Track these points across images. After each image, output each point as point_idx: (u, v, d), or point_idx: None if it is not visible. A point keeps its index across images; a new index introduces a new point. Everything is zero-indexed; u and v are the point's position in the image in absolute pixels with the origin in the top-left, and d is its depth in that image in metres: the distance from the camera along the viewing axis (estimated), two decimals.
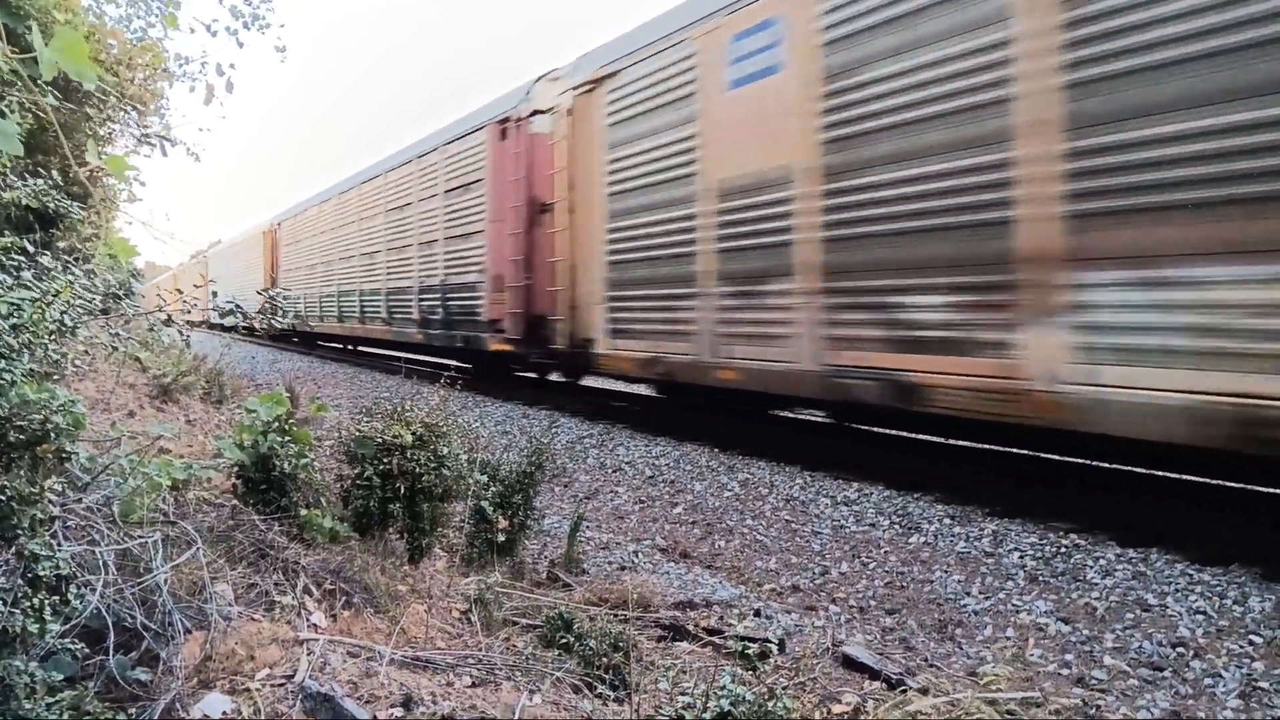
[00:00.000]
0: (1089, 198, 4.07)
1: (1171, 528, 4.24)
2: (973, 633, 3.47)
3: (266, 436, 2.84)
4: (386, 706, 1.92)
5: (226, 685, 1.89)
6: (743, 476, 6.00)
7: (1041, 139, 4.26)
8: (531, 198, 9.57)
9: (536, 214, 9.52)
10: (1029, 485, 5.23)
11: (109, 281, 2.74)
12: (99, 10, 8.04)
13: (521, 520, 3.67)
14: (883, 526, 4.78)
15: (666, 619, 3.25)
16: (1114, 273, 3.98)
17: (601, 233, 8.04)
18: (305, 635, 2.17)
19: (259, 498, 2.83)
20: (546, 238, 9.17)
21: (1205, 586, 3.57)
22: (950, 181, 4.74)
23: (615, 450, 7.21)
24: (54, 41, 1.69)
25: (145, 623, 1.95)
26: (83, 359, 2.81)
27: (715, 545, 4.81)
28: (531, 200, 9.56)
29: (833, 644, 3.17)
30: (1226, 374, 3.57)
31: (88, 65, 1.72)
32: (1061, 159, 4.18)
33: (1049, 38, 4.22)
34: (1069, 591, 3.70)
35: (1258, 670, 2.90)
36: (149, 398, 5.70)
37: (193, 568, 2.17)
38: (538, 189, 9.50)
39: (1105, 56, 3.99)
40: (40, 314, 2.14)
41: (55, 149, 6.40)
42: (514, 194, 9.70)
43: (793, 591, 4.10)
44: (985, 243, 4.57)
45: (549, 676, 2.33)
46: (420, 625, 2.52)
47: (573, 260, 8.62)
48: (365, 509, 2.96)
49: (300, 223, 20.66)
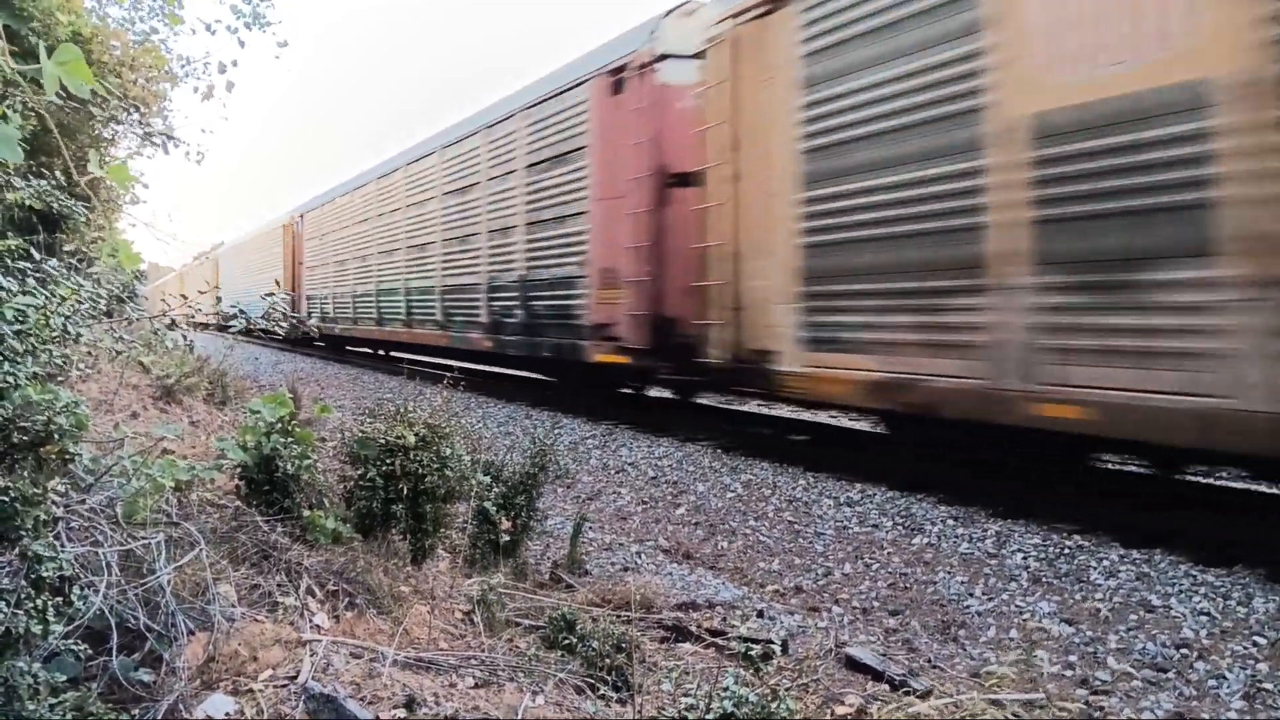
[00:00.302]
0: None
1: (1175, 529, 4.23)
2: (976, 634, 3.46)
3: (270, 438, 2.84)
4: (389, 708, 1.92)
5: (229, 686, 1.89)
6: (746, 477, 5.99)
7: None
8: (660, 166, 7.66)
9: (669, 188, 7.65)
10: (1032, 486, 5.21)
11: (113, 286, 2.74)
12: (102, 12, 8.06)
13: (524, 521, 3.67)
14: (886, 527, 4.77)
15: (669, 620, 3.24)
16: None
17: (789, 205, 5.92)
18: (308, 636, 2.17)
19: (262, 499, 2.83)
20: (687, 217, 7.20)
21: (1209, 588, 3.56)
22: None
23: (618, 451, 7.21)
24: (57, 54, 1.70)
25: (148, 624, 1.95)
26: (86, 360, 2.81)
27: (718, 546, 4.81)
28: (660, 170, 7.66)
29: (836, 645, 3.17)
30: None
31: (90, 81, 1.73)
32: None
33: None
34: (1072, 593, 3.69)
35: (1262, 672, 2.89)
36: (152, 399, 5.70)
37: (196, 569, 2.17)
38: (671, 154, 7.58)
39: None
40: (45, 320, 2.14)
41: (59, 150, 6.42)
42: (634, 163, 7.75)
43: (796, 592, 4.09)
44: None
45: (552, 677, 2.32)
46: (423, 626, 2.52)
47: (736, 245, 6.52)
48: (368, 510, 2.96)
49: (328, 213, 18.51)
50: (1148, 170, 3.90)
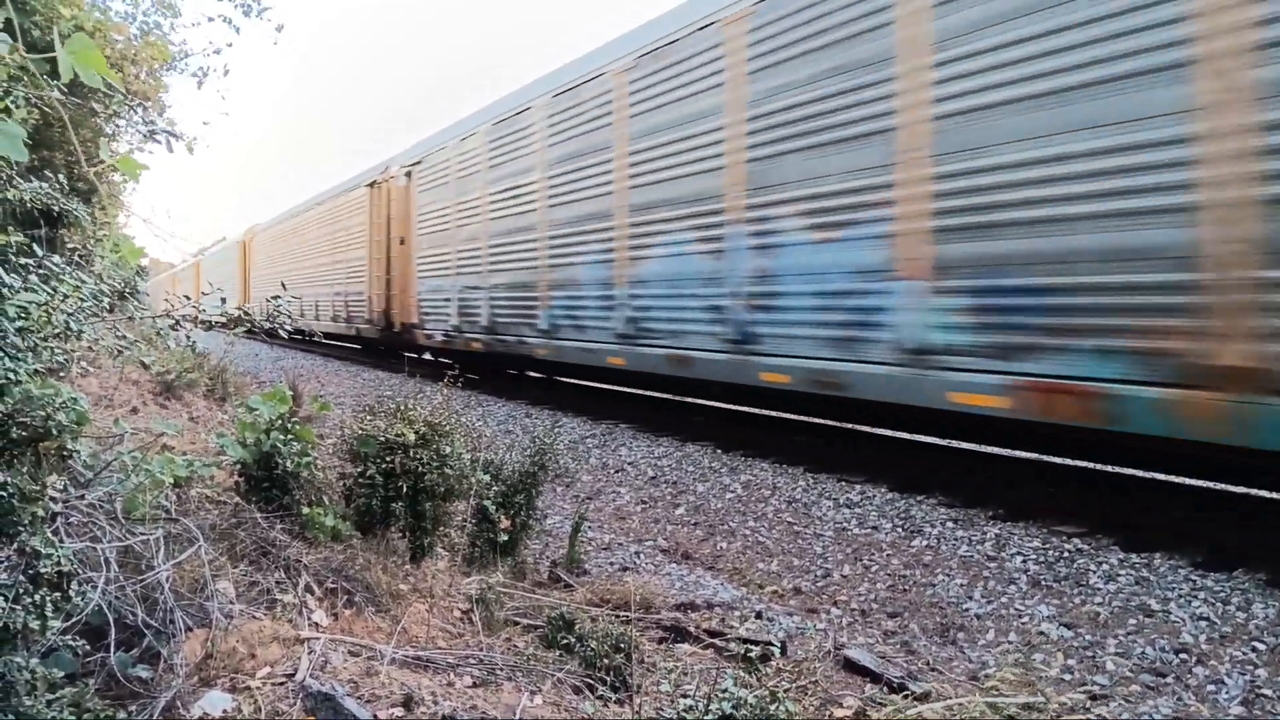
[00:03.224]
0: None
1: (1175, 532, 4.23)
2: (975, 637, 3.45)
3: (269, 434, 2.84)
4: (387, 706, 1.91)
5: (227, 683, 1.89)
6: (745, 478, 5.99)
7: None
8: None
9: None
10: (1032, 488, 5.21)
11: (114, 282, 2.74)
12: (104, 5, 8.06)
13: (524, 520, 3.67)
14: (885, 529, 4.77)
15: (668, 620, 3.24)
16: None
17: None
18: (306, 634, 2.17)
19: (261, 495, 2.83)
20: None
21: (1209, 592, 3.56)
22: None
23: (618, 450, 7.21)
24: (70, 44, 1.70)
25: (146, 620, 1.95)
26: (87, 356, 2.81)
27: (717, 546, 4.80)
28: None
29: (835, 647, 3.17)
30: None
31: (104, 70, 1.73)
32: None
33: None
34: (1072, 596, 3.69)
35: (1261, 677, 2.89)
36: (152, 394, 5.70)
37: (194, 565, 2.17)
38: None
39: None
40: (47, 317, 2.14)
41: (61, 144, 6.40)
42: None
43: (794, 594, 4.09)
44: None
45: (550, 677, 2.32)
46: (422, 625, 2.52)
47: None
48: (367, 507, 2.96)
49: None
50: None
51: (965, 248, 4.73)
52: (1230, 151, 3.66)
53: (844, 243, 5.57)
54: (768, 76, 6.18)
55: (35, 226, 4.72)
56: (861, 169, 5.38)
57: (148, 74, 8.06)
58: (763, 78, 6.22)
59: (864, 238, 5.39)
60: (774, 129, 6.13)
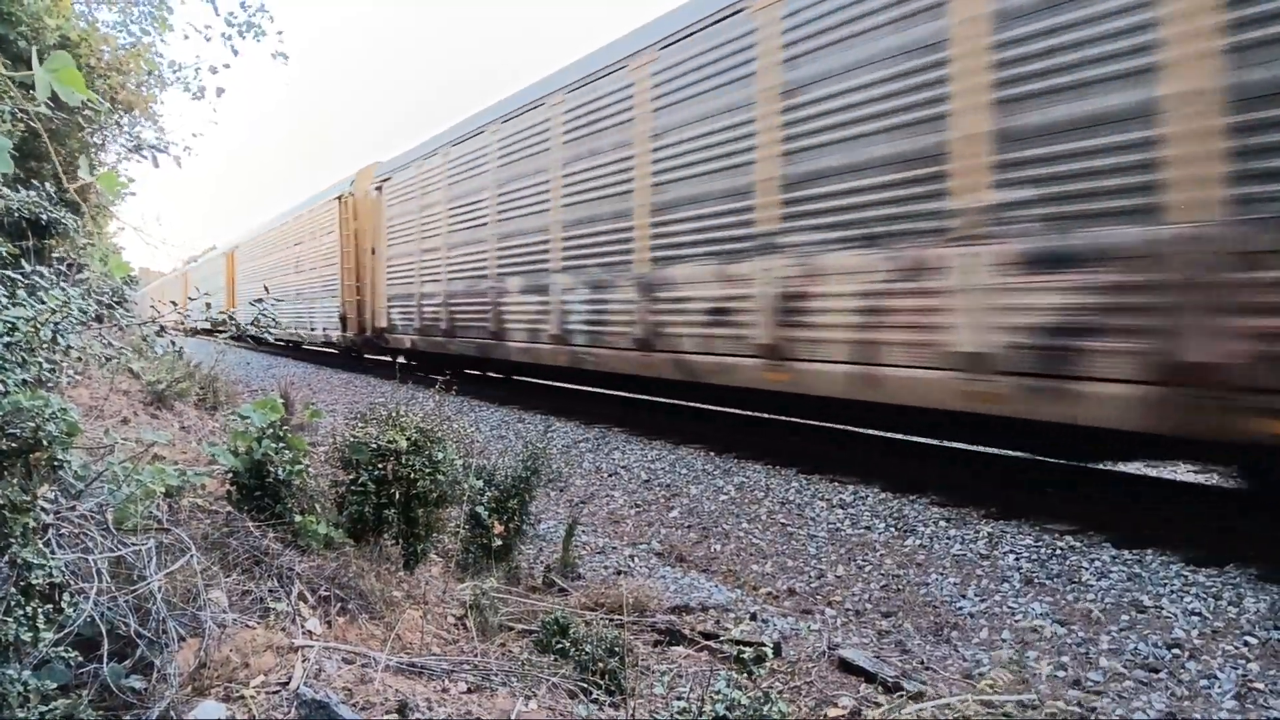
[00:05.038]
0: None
1: (1167, 529, 4.25)
2: (968, 635, 3.47)
3: (261, 443, 2.83)
4: (382, 713, 1.91)
5: (221, 692, 1.88)
6: (738, 480, 6.00)
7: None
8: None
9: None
10: (1025, 487, 5.24)
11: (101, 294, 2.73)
12: (91, 16, 8.04)
13: (517, 525, 3.67)
14: (878, 529, 4.78)
15: (662, 623, 3.24)
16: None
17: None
18: (300, 642, 2.16)
19: (253, 504, 2.82)
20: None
21: (1201, 588, 3.58)
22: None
23: (611, 454, 7.21)
24: (49, 62, 1.70)
25: (139, 630, 1.94)
26: (76, 366, 2.80)
27: (711, 549, 4.81)
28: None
29: (829, 647, 3.18)
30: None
31: (82, 90, 1.73)
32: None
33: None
34: (1064, 594, 3.71)
35: (1253, 671, 2.91)
36: (143, 404, 5.68)
37: (187, 575, 2.17)
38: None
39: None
40: (35, 331, 2.14)
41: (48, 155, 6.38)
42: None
43: (789, 595, 4.10)
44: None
45: (545, 682, 2.32)
46: (416, 631, 2.52)
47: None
48: (360, 515, 2.96)
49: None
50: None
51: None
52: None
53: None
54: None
55: (23, 238, 4.70)
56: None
57: (136, 85, 8.04)
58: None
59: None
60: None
